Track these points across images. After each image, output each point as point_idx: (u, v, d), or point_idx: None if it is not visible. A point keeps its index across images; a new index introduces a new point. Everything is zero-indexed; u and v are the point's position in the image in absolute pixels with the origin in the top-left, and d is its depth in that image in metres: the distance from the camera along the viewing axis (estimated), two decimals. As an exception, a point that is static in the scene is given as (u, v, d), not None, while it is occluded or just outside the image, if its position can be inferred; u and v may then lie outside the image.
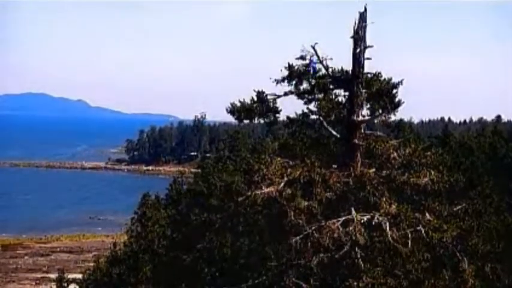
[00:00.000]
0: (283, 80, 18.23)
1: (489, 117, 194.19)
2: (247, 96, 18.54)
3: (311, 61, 17.90)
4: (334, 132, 18.20)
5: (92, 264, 56.11)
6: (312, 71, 18.06)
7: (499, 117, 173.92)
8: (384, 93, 18.31)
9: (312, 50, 17.70)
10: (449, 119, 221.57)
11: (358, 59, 17.51)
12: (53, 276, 63.12)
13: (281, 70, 18.15)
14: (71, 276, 49.59)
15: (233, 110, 18.58)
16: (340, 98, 18.48)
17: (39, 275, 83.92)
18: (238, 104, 18.55)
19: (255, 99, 18.51)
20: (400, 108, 18.75)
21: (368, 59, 17.64)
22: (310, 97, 18.46)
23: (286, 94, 18.43)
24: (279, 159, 17.63)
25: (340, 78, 18.04)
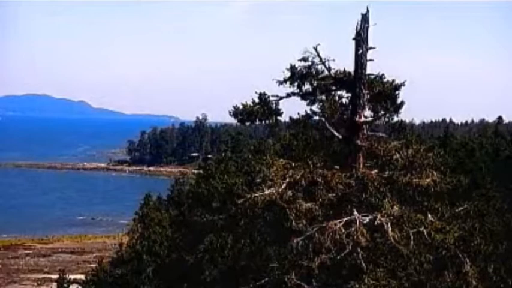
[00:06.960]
0: (285, 81, 18.21)
1: (490, 118, 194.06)
2: (249, 97, 18.53)
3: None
4: (336, 134, 18.17)
5: (93, 265, 56.18)
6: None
7: (500, 118, 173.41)
8: (386, 95, 18.31)
9: (314, 52, 17.70)
10: (450, 120, 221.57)
11: (360, 61, 17.49)
12: (54, 276, 63.12)
13: (283, 72, 18.16)
14: (72, 277, 49.60)
15: (236, 113, 18.59)
16: (342, 100, 18.47)
17: (40, 276, 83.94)
18: (241, 107, 18.54)
19: (257, 101, 18.50)
20: (401, 109, 18.78)
21: (370, 60, 17.62)
22: (312, 98, 18.44)
23: (288, 96, 18.42)
24: (280, 160, 17.61)
25: (343, 80, 18.02)
